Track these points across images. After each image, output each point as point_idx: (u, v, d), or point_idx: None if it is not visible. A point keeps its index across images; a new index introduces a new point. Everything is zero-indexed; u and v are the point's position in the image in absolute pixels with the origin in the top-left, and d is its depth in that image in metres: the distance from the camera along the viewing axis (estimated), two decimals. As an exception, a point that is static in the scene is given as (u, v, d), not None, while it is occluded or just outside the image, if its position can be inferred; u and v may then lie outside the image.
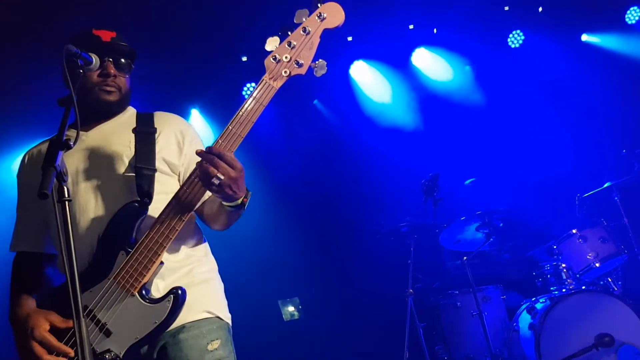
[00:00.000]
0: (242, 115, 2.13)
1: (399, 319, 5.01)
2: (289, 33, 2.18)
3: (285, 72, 2.17)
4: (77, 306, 1.73)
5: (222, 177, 2.00)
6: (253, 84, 6.84)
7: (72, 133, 2.16)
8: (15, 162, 5.75)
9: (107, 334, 2.10)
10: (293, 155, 6.87)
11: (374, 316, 6.21)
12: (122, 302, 2.11)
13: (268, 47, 2.18)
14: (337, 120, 7.33)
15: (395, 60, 7.15)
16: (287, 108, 6.71)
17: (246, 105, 2.14)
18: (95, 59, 2.23)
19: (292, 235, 6.65)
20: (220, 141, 2.11)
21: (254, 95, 2.15)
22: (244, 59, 6.64)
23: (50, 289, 2.33)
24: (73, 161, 2.32)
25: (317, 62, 2.19)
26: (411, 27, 6.89)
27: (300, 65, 2.17)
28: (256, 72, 6.60)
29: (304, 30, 2.17)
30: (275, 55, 2.17)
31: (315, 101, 7.32)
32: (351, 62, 7.07)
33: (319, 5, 2.18)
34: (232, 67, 6.61)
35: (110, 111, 2.43)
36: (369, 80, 7.20)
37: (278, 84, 2.17)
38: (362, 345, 6.21)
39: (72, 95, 1.93)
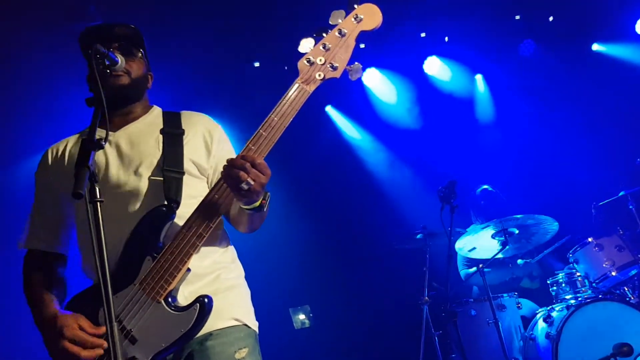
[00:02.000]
0: (274, 119, 2.09)
1: (414, 327, 4.99)
2: (324, 35, 2.13)
3: (319, 75, 2.12)
4: (110, 308, 1.72)
5: (252, 183, 1.97)
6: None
7: (100, 133, 2.11)
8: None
9: (133, 341, 2.06)
10: (305, 162, 6.85)
11: (388, 324, 6.18)
12: (147, 309, 2.06)
13: (302, 49, 2.23)
14: (350, 127, 7.34)
15: (408, 68, 7.17)
16: (299, 114, 6.71)
17: (278, 109, 2.09)
18: (121, 60, 2.22)
19: (303, 242, 6.63)
20: (250, 145, 2.06)
21: (287, 99, 2.11)
22: (257, 64, 6.65)
23: (77, 294, 2.25)
24: (100, 162, 2.28)
25: (352, 65, 2.14)
26: (423, 35, 6.90)
27: (335, 69, 2.12)
28: (267, 79, 6.68)
29: (340, 32, 2.12)
30: (309, 58, 2.11)
31: (328, 107, 7.32)
32: (364, 69, 7.09)
33: (355, 6, 2.13)
34: (244, 73, 6.63)
35: (125, 97, 2.36)
36: (382, 87, 7.22)
37: (311, 88, 2.13)
38: (375, 354, 6.18)
39: (101, 96, 1.91)
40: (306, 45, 2.15)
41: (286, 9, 5.81)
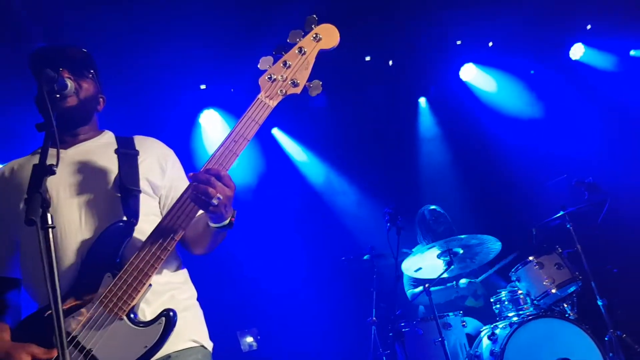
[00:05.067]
0: (236, 133, 2.11)
1: (362, 347, 5.00)
2: (283, 53, 2.18)
3: (281, 91, 2.17)
4: (62, 339, 1.66)
5: (221, 197, 1.97)
6: (212, 109, 6.90)
7: (51, 152, 2.09)
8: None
9: None
10: (252, 184, 6.84)
11: (336, 345, 6.19)
12: (109, 327, 2.02)
13: (261, 66, 2.18)
14: (297, 149, 7.38)
15: (350, 91, 7.25)
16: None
17: (241, 124, 2.12)
18: (70, 84, 2.22)
19: (250, 264, 6.58)
20: (214, 159, 2.08)
21: (249, 114, 2.14)
22: (203, 87, 6.63)
23: (24, 319, 2.18)
24: (53, 179, 2.18)
25: (312, 82, 2.20)
26: (368, 58, 7.02)
27: (296, 85, 2.17)
28: (214, 100, 6.67)
29: (300, 50, 2.18)
30: (270, 75, 2.16)
31: (274, 130, 7.35)
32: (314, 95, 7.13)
33: (313, 26, 2.20)
34: (190, 95, 6.60)
35: (73, 118, 2.33)
36: (330, 109, 7.29)
37: (274, 103, 2.17)
38: (323, 375, 6.17)
39: (51, 119, 1.90)
40: (265, 62, 2.17)
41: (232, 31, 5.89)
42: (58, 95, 2.16)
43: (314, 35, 2.20)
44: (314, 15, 2.19)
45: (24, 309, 2.28)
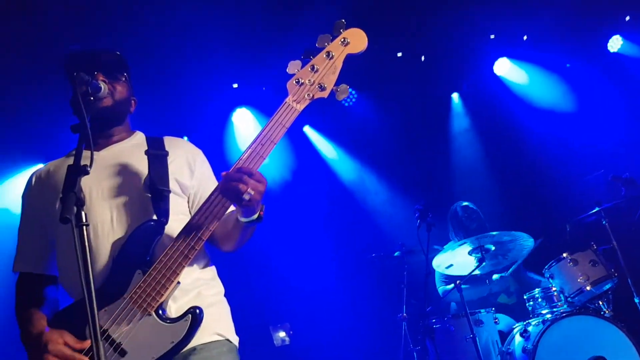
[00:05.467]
0: (264, 136, 2.16)
1: (393, 343, 5.02)
2: (311, 57, 2.22)
3: (308, 95, 2.21)
4: (96, 331, 1.72)
5: (252, 193, 2.05)
6: (244, 108, 6.97)
7: (85, 154, 2.17)
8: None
9: (122, 353, 2.09)
10: (284, 181, 6.90)
11: (368, 341, 6.21)
12: (138, 322, 2.10)
13: (290, 70, 2.22)
14: (328, 147, 7.41)
15: (382, 86, 7.23)
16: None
17: (268, 127, 2.18)
18: (104, 87, 2.29)
19: (283, 260, 6.64)
20: (241, 162, 2.14)
21: (276, 117, 2.19)
22: (235, 85, 6.70)
23: (60, 311, 2.29)
24: (87, 180, 2.28)
25: (339, 86, 2.23)
26: (399, 54, 7.00)
27: (323, 89, 2.21)
28: (247, 99, 6.74)
29: (328, 54, 2.21)
30: (298, 79, 2.21)
31: (306, 127, 7.38)
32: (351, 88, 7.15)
33: (341, 30, 2.23)
34: (222, 94, 6.67)
35: (107, 119, 2.42)
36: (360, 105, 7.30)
37: (301, 107, 2.21)
38: (354, 370, 6.20)
39: (85, 122, 1.97)
40: (294, 66, 2.22)
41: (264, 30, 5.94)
42: (92, 98, 2.24)
43: (342, 40, 2.23)
44: (343, 20, 2.22)
45: (61, 305, 2.37)
